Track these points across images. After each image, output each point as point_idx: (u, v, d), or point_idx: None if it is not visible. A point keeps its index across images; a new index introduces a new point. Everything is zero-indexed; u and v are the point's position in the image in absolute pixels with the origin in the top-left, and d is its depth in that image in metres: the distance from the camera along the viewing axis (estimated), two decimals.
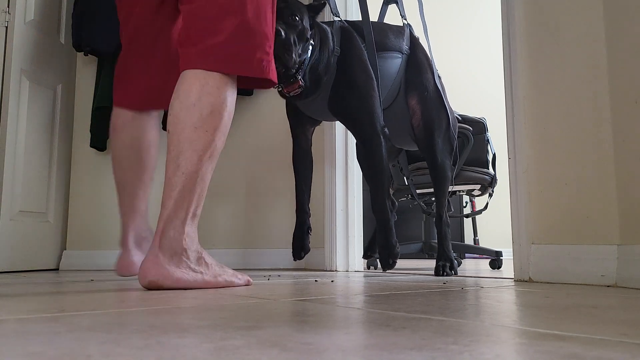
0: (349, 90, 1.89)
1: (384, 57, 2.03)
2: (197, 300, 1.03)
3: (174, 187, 1.31)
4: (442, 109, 2.12)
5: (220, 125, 1.34)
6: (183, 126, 1.32)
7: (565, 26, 1.62)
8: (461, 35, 5.78)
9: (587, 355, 0.49)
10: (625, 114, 1.43)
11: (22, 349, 0.52)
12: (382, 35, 2.09)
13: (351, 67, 1.91)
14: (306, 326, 0.68)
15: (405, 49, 2.11)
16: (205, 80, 1.34)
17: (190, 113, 1.32)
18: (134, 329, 0.64)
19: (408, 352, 0.51)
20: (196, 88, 1.33)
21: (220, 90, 1.35)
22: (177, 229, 1.30)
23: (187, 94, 1.33)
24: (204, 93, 1.33)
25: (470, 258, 4.81)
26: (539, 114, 1.66)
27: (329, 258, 2.45)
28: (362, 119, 1.90)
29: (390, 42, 2.09)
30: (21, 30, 2.52)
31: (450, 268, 1.98)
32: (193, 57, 1.36)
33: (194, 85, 1.33)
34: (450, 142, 2.15)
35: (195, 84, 1.33)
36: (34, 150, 2.60)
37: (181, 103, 1.33)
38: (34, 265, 2.59)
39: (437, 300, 1.02)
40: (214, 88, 1.34)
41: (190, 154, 1.31)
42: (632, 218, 1.39)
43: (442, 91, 2.16)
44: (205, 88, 1.33)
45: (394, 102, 2.11)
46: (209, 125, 1.33)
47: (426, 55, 2.18)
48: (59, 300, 1.04)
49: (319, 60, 1.87)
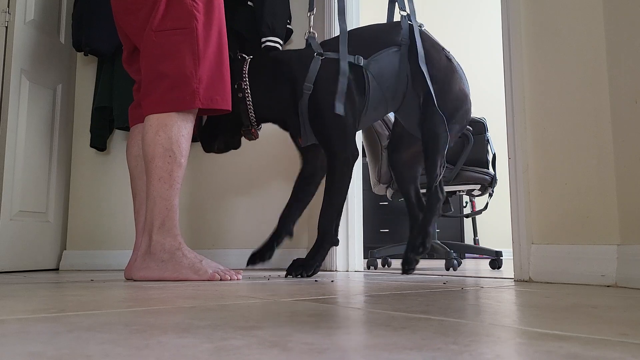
0: (320, 119, 1.90)
1: (380, 56, 1.99)
2: (197, 300, 1.03)
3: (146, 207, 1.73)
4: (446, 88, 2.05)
5: (158, 152, 1.69)
6: (145, 161, 1.72)
7: (565, 26, 1.62)
8: (461, 35, 5.78)
9: (587, 355, 0.49)
10: (625, 114, 1.43)
11: (22, 349, 0.52)
12: (373, 37, 2.05)
13: (321, 103, 1.90)
14: (306, 326, 0.68)
15: (404, 40, 2.05)
16: (152, 121, 1.71)
17: (148, 150, 1.71)
18: (134, 329, 0.64)
19: (408, 352, 0.51)
20: (152, 129, 1.71)
21: (167, 127, 1.70)
22: (145, 240, 1.71)
23: (145, 135, 1.73)
24: (145, 132, 1.72)
25: (470, 258, 4.81)
26: (539, 114, 1.66)
27: (329, 258, 2.45)
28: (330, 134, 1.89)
29: (383, 39, 2.04)
30: (21, 30, 2.52)
31: (421, 244, 1.94)
32: (143, 108, 1.75)
33: (149, 127, 1.72)
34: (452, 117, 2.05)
35: (144, 127, 1.74)
36: (34, 150, 2.60)
37: (143, 142, 1.74)
38: (34, 265, 2.59)
39: (437, 300, 1.02)
40: (148, 127, 1.72)
41: (148, 182, 1.72)
42: (632, 218, 1.39)
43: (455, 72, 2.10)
44: (146, 127, 1.72)
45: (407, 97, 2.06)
46: (152, 156, 1.70)
47: (431, 40, 2.12)
48: (59, 300, 1.04)
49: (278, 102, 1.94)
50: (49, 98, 2.74)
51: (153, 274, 1.66)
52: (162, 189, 1.69)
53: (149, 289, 1.31)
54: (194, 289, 1.33)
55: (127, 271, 1.83)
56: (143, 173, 1.85)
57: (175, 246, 1.69)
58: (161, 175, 1.69)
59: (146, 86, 1.75)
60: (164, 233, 1.69)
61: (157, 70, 1.73)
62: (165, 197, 1.69)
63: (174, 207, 1.71)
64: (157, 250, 1.68)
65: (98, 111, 2.84)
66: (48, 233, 2.72)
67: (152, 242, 1.68)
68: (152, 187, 1.70)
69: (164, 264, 1.66)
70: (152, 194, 1.70)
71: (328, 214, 1.89)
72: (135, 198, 1.91)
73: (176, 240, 1.70)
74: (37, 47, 2.63)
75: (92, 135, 2.86)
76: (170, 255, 1.67)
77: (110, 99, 2.79)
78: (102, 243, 2.86)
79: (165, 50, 1.73)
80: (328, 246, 1.91)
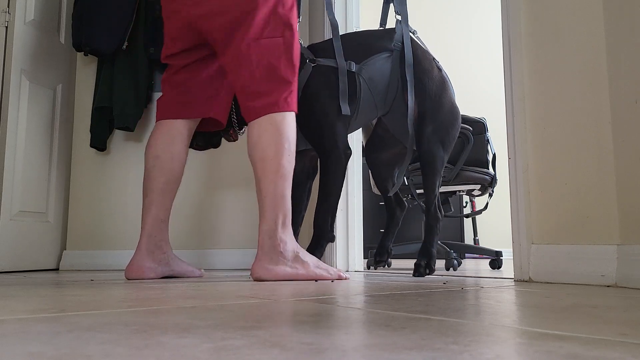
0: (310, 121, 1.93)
1: (372, 61, 2.01)
2: (197, 300, 1.03)
3: (262, 207, 1.71)
4: (441, 102, 2.07)
5: (281, 150, 1.70)
6: (254, 161, 1.72)
7: (565, 26, 1.62)
8: (461, 35, 5.78)
9: (587, 355, 0.49)
10: (625, 114, 1.43)
11: (22, 349, 0.52)
12: (366, 42, 2.06)
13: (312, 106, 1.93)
14: (306, 326, 0.68)
15: (396, 45, 2.06)
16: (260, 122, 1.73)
17: (255, 150, 1.72)
18: (134, 329, 0.64)
19: (408, 352, 0.51)
20: (255, 130, 1.73)
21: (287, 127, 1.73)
22: (272, 239, 1.68)
23: (251, 136, 1.74)
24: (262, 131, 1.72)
25: (470, 258, 4.81)
26: (539, 114, 1.66)
27: (329, 258, 2.45)
28: (322, 134, 1.92)
29: (376, 45, 2.05)
30: (21, 30, 2.52)
31: (426, 267, 1.95)
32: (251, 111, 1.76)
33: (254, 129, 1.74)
34: (448, 135, 2.08)
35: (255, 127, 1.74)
36: (34, 150, 2.60)
37: (249, 145, 1.74)
38: (34, 265, 2.59)
39: (437, 300, 1.02)
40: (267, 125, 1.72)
41: (264, 181, 1.70)
42: (632, 218, 1.39)
43: (445, 83, 2.11)
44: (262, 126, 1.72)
45: (395, 102, 2.09)
46: (271, 154, 1.70)
47: (422, 49, 2.14)
48: (59, 300, 1.04)
49: None
50: (49, 98, 2.74)
51: (285, 274, 1.66)
52: (284, 187, 1.71)
53: (149, 289, 1.32)
54: (194, 289, 1.33)
55: (132, 272, 1.80)
56: (160, 173, 1.85)
57: (296, 245, 1.72)
58: (283, 174, 1.70)
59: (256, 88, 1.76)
60: (286, 232, 1.70)
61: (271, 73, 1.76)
62: (287, 196, 1.72)
63: (290, 207, 1.74)
64: (285, 249, 1.68)
65: (98, 111, 2.84)
66: (48, 233, 2.72)
67: (277, 242, 1.67)
68: (273, 186, 1.69)
69: (294, 264, 1.68)
70: (272, 193, 1.69)
71: (323, 211, 1.92)
72: (147, 196, 1.86)
73: (294, 239, 1.73)
74: (37, 47, 2.62)
75: (92, 135, 2.86)
76: (295, 255, 1.69)
77: (110, 99, 2.79)
78: (102, 243, 2.86)
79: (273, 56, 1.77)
80: (325, 243, 1.94)
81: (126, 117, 2.76)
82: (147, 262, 1.79)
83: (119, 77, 2.79)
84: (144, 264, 1.79)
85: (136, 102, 2.79)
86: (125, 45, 2.77)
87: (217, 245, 2.91)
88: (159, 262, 1.83)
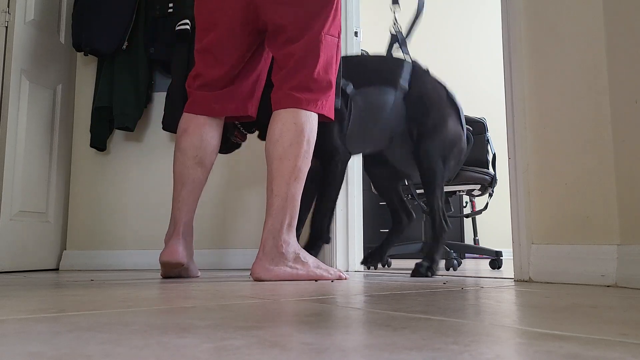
0: None
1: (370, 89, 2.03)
2: (197, 300, 1.03)
3: (270, 205, 1.69)
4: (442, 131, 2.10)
5: (300, 152, 1.69)
6: (272, 158, 1.70)
7: (565, 26, 1.62)
8: (461, 35, 5.78)
9: (587, 355, 0.49)
10: (625, 114, 1.43)
11: (22, 349, 0.52)
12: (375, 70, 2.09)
13: None
14: (306, 326, 0.68)
15: (402, 86, 2.07)
16: (285, 118, 1.71)
17: (275, 147, 1.69)
18: (134, 329, 0.64)
19: (408, 352, 0.51)
20: (278, 126, 1.70)
21: (297, 125, 1.70)
22: (276, 239, 1.67)
23: (272, 132, 1.71)
24: (284, 130, 1.69)
25: (470, 258, 4.81)
26: (539, 114, 1.66)
27: (329, 258, 2.45)
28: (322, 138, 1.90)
29: (383, 76, 2.07)
30: (21, 30, 2.52)
31: (427, 269, 1.94)
32: (289, 99, 1.73)
33: (277, 124, 1.71)
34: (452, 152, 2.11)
35: (278, 123, 1.71)
36: (34, 150, 2.60)
37: (269, 140, 1.71)
38: (34, 265, 2.59)
39: (437, 300, 1.02)
40: (291, 124, 1.70)
41: (279, 180, 1.68)
42: (632, 218, 1.39)
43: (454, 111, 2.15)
44: (285, 125, 1.70)
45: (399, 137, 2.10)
46: (290, 155, 1.68)
47: (434, 83, 2.14)
48: (59, 300, 1.04)
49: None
50: (49, 98, 2.74)
51: (285, 274, 1.66)
52: (297, 189, 1.71)
53: (149, 289, 1.32)
54: (194, 289, 1.33)
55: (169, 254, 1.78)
56: (200, 164, 1.84)
57: (297, 246, 1.72)
58: (298, 176, 1.70)
59: (311, 83, 1.74)
60: (290, 233, 1.70)
61: (326, 72, 1.76)
62: (298, 198, 1.71)
63: (298, 209, 1.74)
64: (286, 250, 1.68)
65: (98, 111, 2.84)
66: (48, 233, 2.72)
67: (280, 242, 1.67)
68: (286, 187, 1.69)
69: (294, 264, 1.68)
70: (284, 193, 1.68)
71: (321, 212, 1.96)
72: (184, 187, 1.85)
73: (296, 240, 1.73)
74: (37, 47, 2.62)
75: (92, 135, 2.86)
76: (295, 255, 1.69)
77: (110, 99, 2.79)
78: (102, 243, 2.86)
79: (331, 55, 1.78)
80: (321, 243, 1.98)
81: (126, 117, 2.76)
82: (181, 247, 1.81)
83: (118, 77, 2.79)
84: (178, 248, 1.80)
85: (136, 102, 2.79)
86: (125, 45, 2.77)
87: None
88: (188, 250, 1.85)
